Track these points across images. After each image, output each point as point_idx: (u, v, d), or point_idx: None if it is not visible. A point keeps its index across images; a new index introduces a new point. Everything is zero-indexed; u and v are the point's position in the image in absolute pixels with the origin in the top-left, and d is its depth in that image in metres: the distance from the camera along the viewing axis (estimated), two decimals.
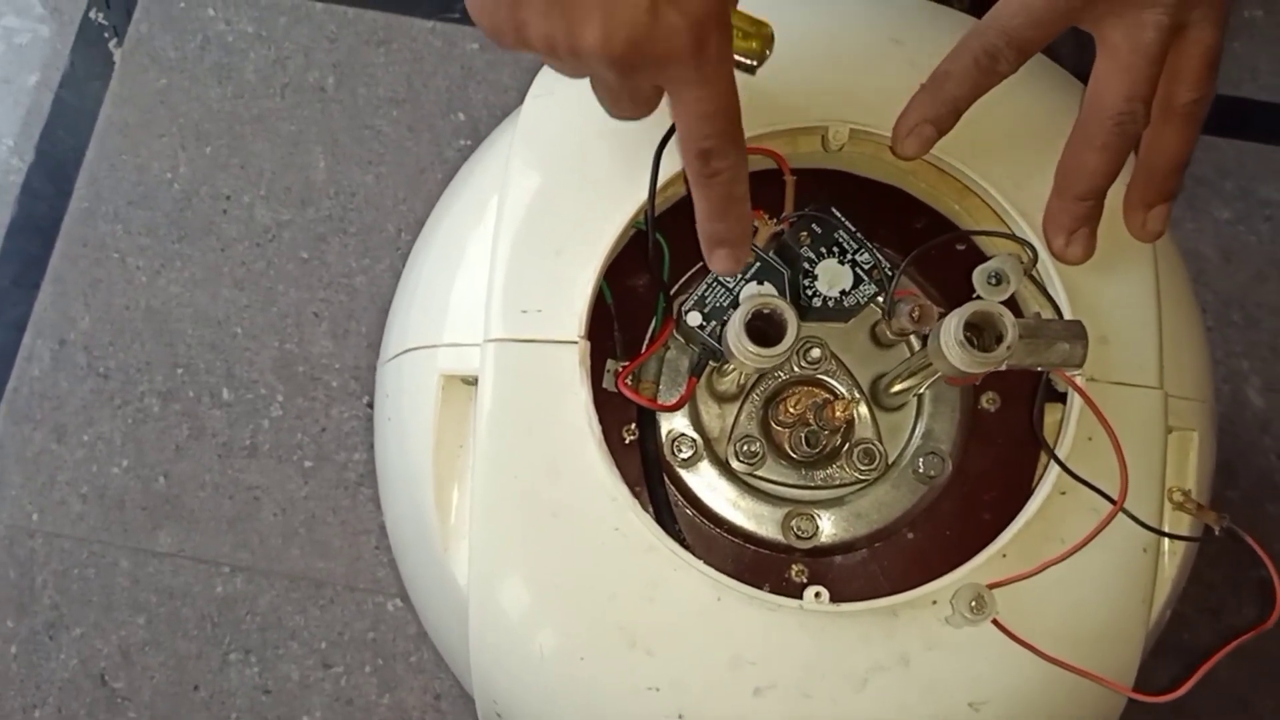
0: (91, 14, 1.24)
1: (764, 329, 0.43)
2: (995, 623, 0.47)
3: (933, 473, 0.53)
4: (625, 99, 0.44)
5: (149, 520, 1.11)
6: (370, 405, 1.15)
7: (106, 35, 1.23)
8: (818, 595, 0.48)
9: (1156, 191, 0.50)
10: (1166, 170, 0.50)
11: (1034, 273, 0.50)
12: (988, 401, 0.54)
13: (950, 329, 0.41)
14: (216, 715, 1.08)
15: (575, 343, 0.49)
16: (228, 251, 1.17)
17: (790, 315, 0.42)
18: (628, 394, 0.50)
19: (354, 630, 1.10)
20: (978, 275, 0.44)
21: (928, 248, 0.49)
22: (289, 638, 1.09)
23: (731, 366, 0.51)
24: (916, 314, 0.44)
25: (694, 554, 0.52)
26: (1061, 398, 0.52)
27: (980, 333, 0.42)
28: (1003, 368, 0.42)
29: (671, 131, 0.48)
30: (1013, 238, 0.50)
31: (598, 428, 0.49)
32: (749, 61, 0.44)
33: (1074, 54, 0.54)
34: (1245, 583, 1.12)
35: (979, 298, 0.45)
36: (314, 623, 1.09)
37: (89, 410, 1.14)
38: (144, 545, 1.11)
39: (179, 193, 1.19)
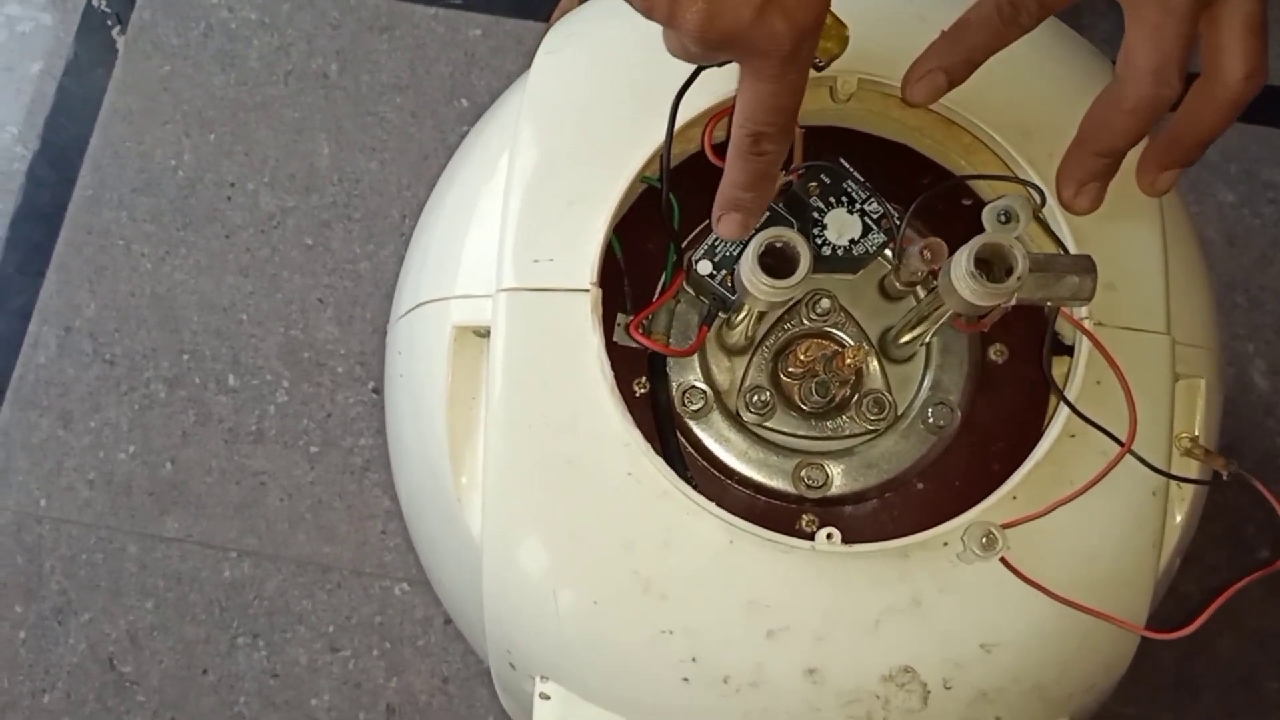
0: (94, 2, 1.25)
1: (775, 264, 0.43)
2: (1005, 563, 0.47)
3: (942, 423, 0.53)
4: (693, 59, 0.44)
5: (156, 506, 1.12)
6: (376, 391, 1.15)
7: (109, 23, 1.24)
8: (829, 537, 0.49)
9: (1175, 158, 0.50)
10: (1192, 143, 0.49)
11: (1041, 216, 0.50)
12: (995, 354, 0.55)
13: (961, 262, 0.41)
14: (225, 699, 1.08)
15: (587, 290, 0.50)
16: (232, 238, 1.18)
17: (802, 246, 0.42)
18: (638, 338, 0.51)
19: (361, 614, 1.10)
20: (987, 213, 0.45)
21: (937, 191, 0.50)
22: (296, 622, 1.09)
23: (740, 318, 0.51)
24: (928, 253, 0.45)
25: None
26: (1068, 351, 0.52)
27: (990, 268, 0.42)
28: (1013, 301, 0.42)
29: (687, 85, 0.49)
30: (1020, 181, 0.51)
31: (610, 374, 0.49)
32: (821, 61, 0.45)
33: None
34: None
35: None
36: (321, 607, 1.10)
37: (95, 397, 1.14)
38: (151, 531, 1.11)
39: (183, 180, 1.19)
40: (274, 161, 1.20)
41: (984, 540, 0.46)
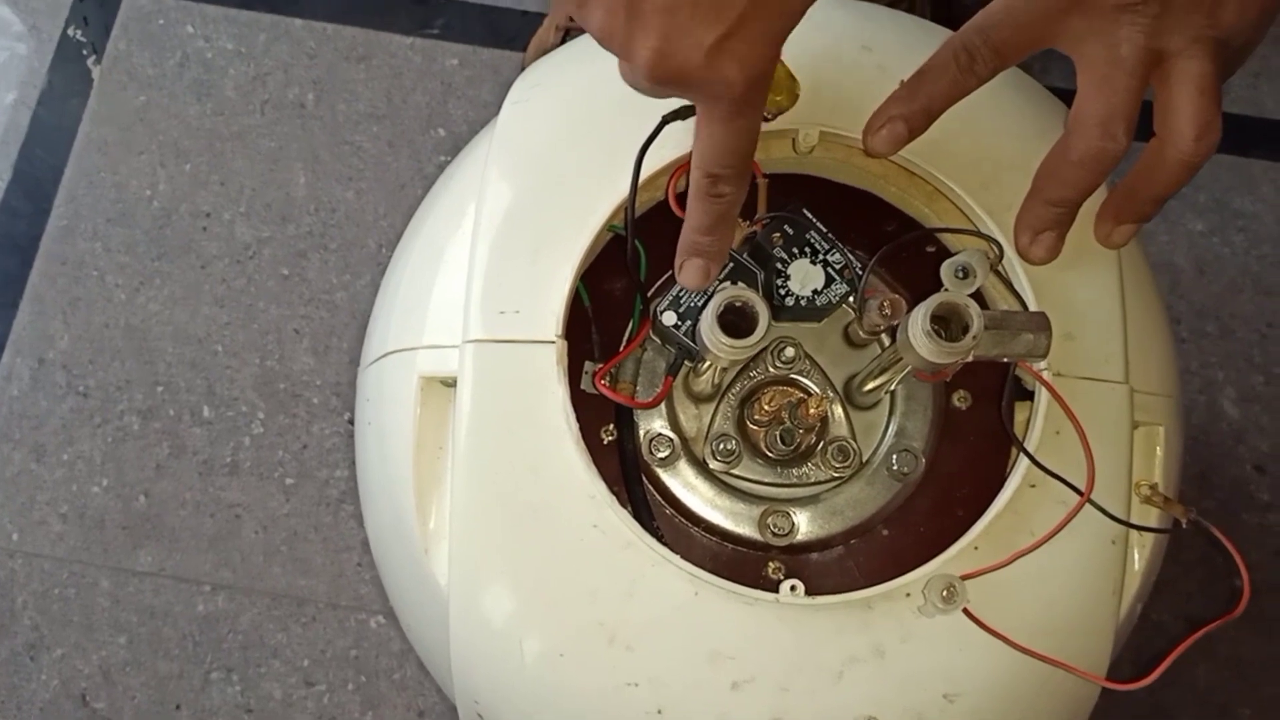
0: (70, 31, 1.25)
1: (736, 322, 0.44)
2: (968, 613, 0.47)
3: (906, 470, 0.53)
4: (644, 93, 0.44)
5: (129, 539, 1.11)
6: (352, 421, 1.15)
7: (85, 53, 1.24)
8: (793, 588, 0.49)
9: (1130, 212, 0.51)
10: (1145, 199, 0.49)
11: (1001, 270, 0.51)
12: (959, 400, 0.55)
13: (917, 320, 0.42)
14: None
15: (552, 342, 0.50)
16: (208, 269, 1.18)
17: (761, 307, 0.43)
18: (604, 391, 0.51)
19: (336, 648, 1.09)
20: (945, 269, 0.45)
21: (896, 245, 0.50)
22: (271, 656, 1.09)
23: (707, 365, 0.52)
24: (887, 308, 0.45)
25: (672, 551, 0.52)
26: (1030, 396, 0.52)
27: (947, 324, 0.43)
28: (969, 358, 0.43)
29: (652, 138, 0.49)
30: (979, 235, 0.51)
31: (575, 426, 0.49)
32: (769, 113, 0.45)
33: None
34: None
35: (947, 291, 0.46)
36: (296, 640, 1.09)
37: (69, 429, 1.14)
38: (124, 565, 1.11)
39: (158, 210, 1.19)
40: (250, 191, 1.20)
41: (944, 594, 0.46)
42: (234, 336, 1.16)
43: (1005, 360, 0.46)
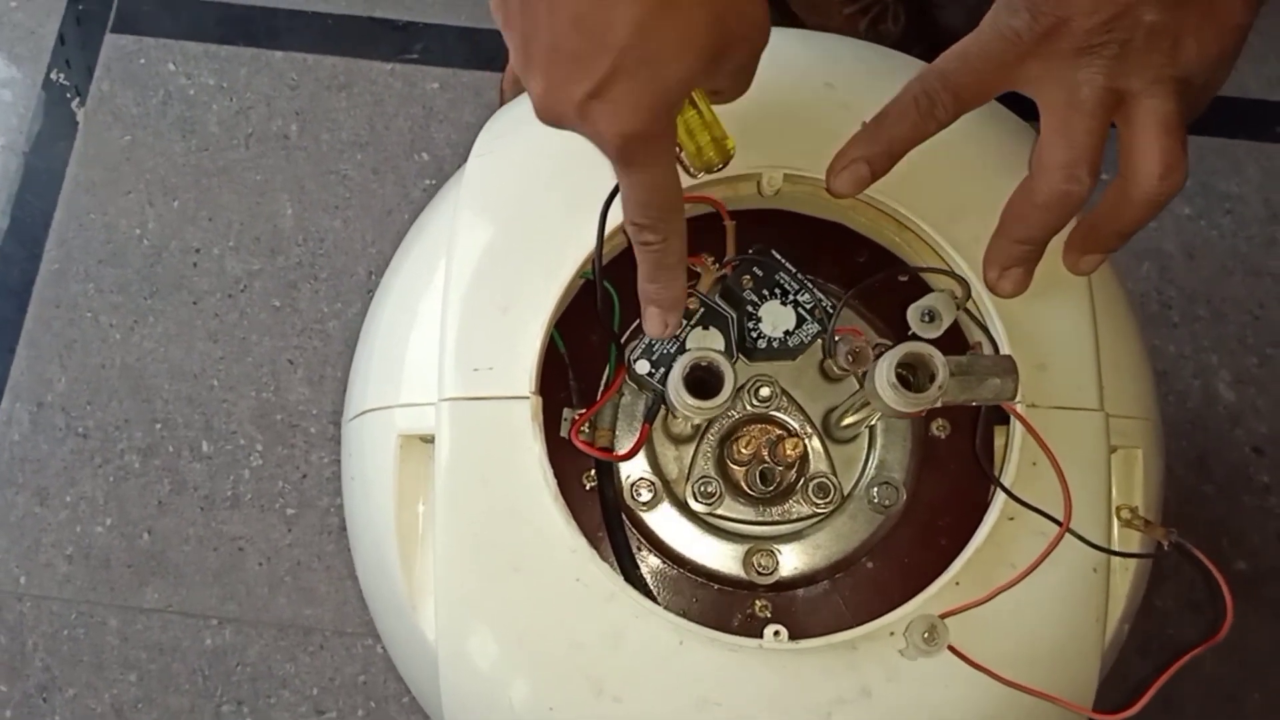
0: (53, 75, 1.25)
1: (704, 379, 0.44)
2: (953, 649, 0.48)
3: (887, 502, 0.54)
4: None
5: (135, 577, 1.12)
6: None
7: (69, 95, 1.24)
8: (776, 634, 0.49)
9: (1095, 244, 0.51)
10: (1110, 233, 0.49)
11: (967, 308, 0.51)
12: (938, 429, 0.55)
13: (882, 372, 0.42)
14: None
15: (527, 398, 0.50)
16: (200, 304, 1.18)
17: (727, 367, 0.43)
18: (580, 446, 0.51)
19: (345, 675, 1.10)
20: (911, 313, 0.45)
21: (863, 287, 0.51)
22: (280, 686, 1.10)
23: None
24: (851, 358, 0.45)
25: (657, 597, 0.53)
26: (1008, 420, 0.53)
27: (915, 371, 0.43)
28: (938, 405, 0.43)
29: (615, 192, 0.49)
30: (945, 273, 0.52)
31: (553, 482, 0.49)
32: (693, 170, 0.46)
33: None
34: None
35: (914, 335, 0.46)
36: (304, 670, 1.10)
37: (70, 471, 1.15)
38: (131, 603, 1.11)
39: (148, 248, 1.20)
40: (238, 225, 1.20)
41: (926, 635, 0.46)
42: (229, 370, 1.17)
43: (974, 404, 0.46)
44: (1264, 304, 1.21)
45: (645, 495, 0.54)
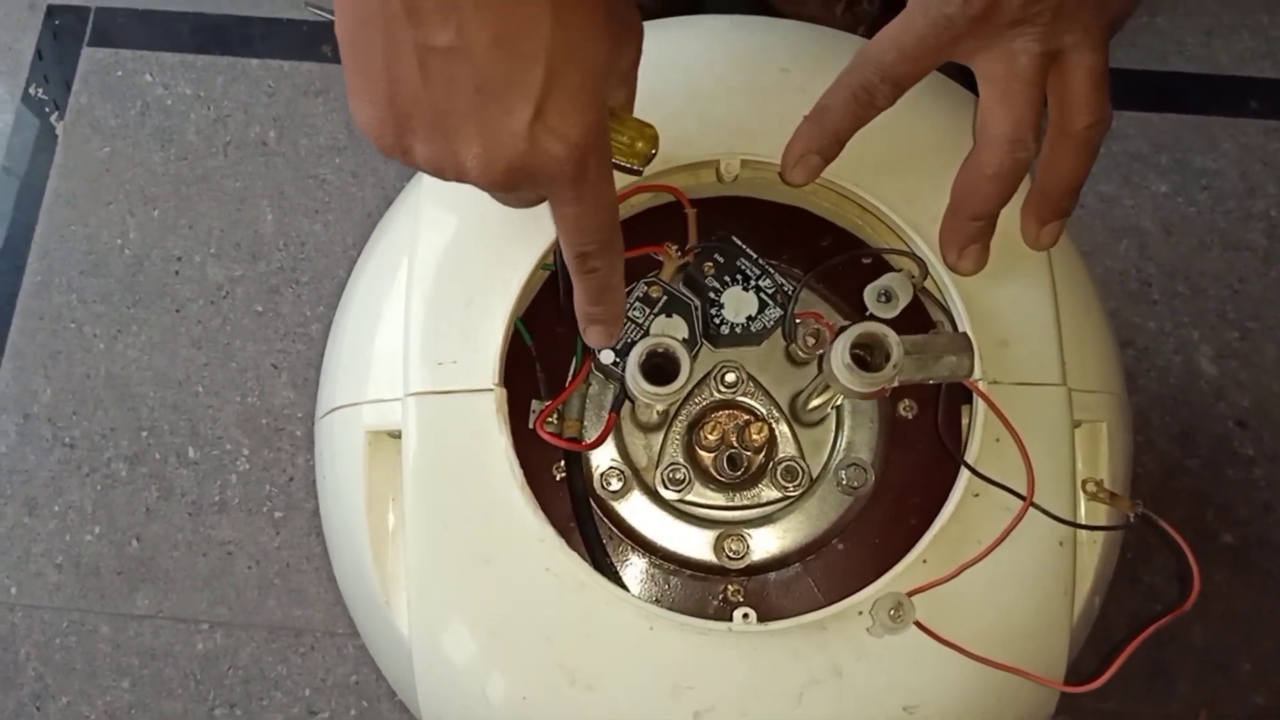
0: (31, 90, 1.26)
1: (662, 365, 0.44)
2: (921, 626, 0.48)
3: (856, 484, 0.54)
4: (511, 203, 0.44)
5: (125, 584, 1.12)
6: None
7: (47, 109, 1.25)
8: (745, 616, 0.50)
9: (1050, 210, 0.52)
10: (1060, 192, 0.50)
11: (924, 287, 0.51)
12: (905, 409, 0.56)
13: (838, 353, 0.42)
14: None
15: (491, 390, 0.50)
16: (183, 312, 1.19)
17: (682, 353, 0.43)
18: (546, 437, 0.51)
19: (336, 675, 1.11)
20: (868, 294, 0.46)
21: (820, 270, 0.51)
22: (273, 688, 1.10)
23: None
24: (812, 340, 0.46)
25: (628, 585, 0.53)
26: (972, 399, 0.53)
27: (872, 351, 0.43)
28: (895, 384, 0.43)
29: None
30: (904, 254, 0.52)
31: (519, 473, 0.50)
32: (632, 165, 0.46)
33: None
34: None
35: (872, 316, 0.46)
36: (296, 671, 1.10)
37: (58, 481, 1.15)
38: (122, 610, 1.12)
39: (130, 258, 1.20)
40: (219, 232, 1.21)
41: (891, 613, 0.47)
42: (213, 376, 1.17)
43: (931, 382, 0.47)
44: (1243, 278, 1.21)
45: (615, 484, 0.54)
